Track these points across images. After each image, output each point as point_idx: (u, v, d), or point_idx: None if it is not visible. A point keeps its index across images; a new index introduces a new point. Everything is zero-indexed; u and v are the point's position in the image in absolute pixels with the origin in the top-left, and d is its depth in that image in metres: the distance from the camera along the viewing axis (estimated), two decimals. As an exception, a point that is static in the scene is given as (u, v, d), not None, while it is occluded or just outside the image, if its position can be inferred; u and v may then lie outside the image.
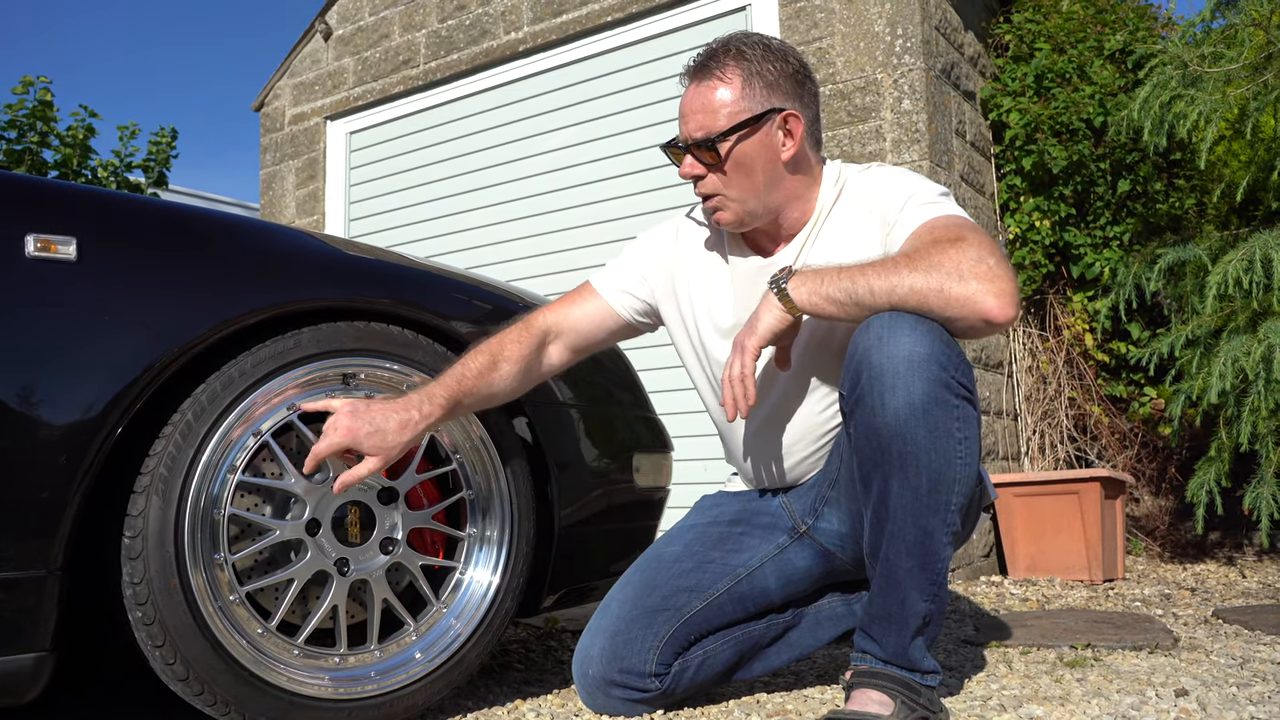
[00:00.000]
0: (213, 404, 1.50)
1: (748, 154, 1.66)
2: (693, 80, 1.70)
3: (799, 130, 1.68)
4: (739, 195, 1.68)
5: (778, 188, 1.69)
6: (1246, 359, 3.24)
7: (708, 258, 1.84)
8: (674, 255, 1.87)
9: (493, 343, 1.73)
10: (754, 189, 1.68)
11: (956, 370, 1.44)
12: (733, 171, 1.66)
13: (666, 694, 1.71)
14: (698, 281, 1.83)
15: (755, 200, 1.69)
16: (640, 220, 4.67)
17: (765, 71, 1.66)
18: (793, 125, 1.67)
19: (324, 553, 1.61)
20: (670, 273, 1.87)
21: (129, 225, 1.53)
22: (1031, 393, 4.51)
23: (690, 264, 1.85)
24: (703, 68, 1.68)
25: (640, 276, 1.88)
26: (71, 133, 8.37)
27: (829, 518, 1.76)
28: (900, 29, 3.98)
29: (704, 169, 1.68)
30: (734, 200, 1.68)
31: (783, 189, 1.70)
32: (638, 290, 1.88)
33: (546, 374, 1.83)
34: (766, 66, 1.66)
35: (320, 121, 6.09)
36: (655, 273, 1.88)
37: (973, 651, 2.28)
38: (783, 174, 1.69)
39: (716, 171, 1.67)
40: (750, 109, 1.65)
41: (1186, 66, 3.63)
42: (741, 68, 1.66)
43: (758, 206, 1.69)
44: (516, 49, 5.17)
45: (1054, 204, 4.36)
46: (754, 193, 1.68)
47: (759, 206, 1.70)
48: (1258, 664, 2.05)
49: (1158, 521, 4.49)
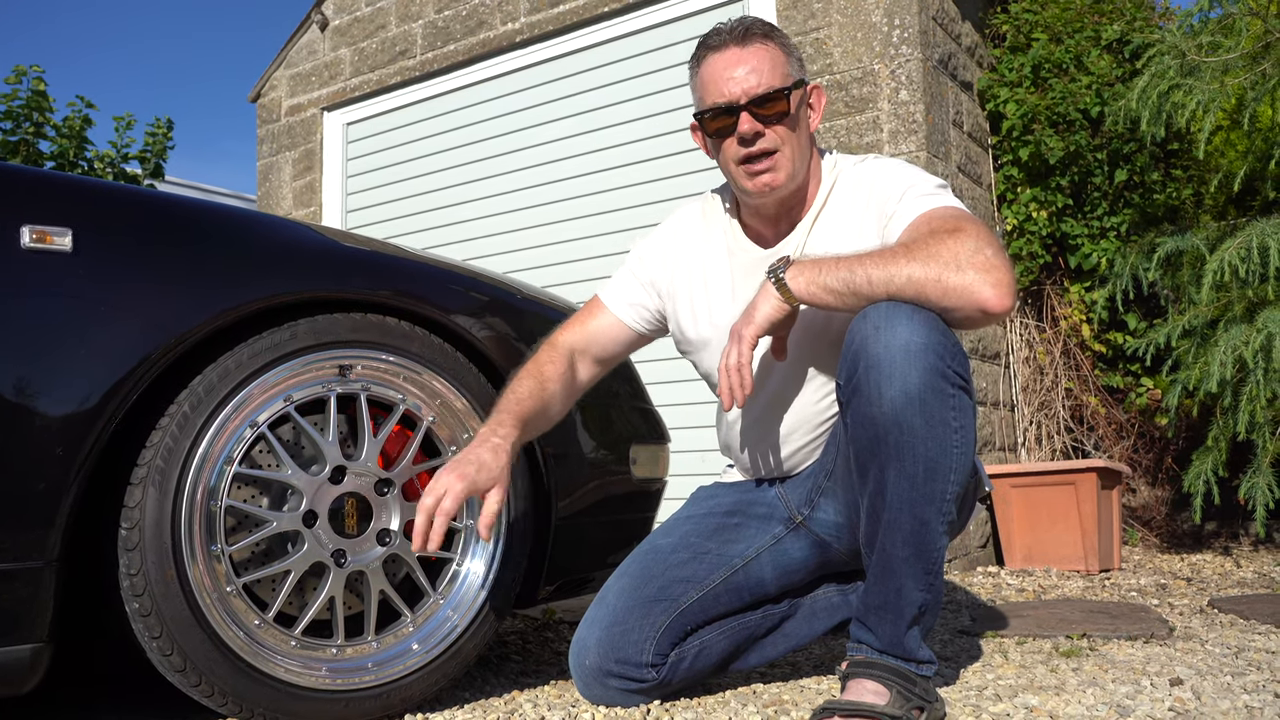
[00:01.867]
0: (209, 395, 1.50)
1: (797, 116, 1.70)
2: (737, 43, 1.69)
3: (820, 105, 1.76)
4: (792, 153, 1.69)
5: (809, 157, 1.74)
6: (1246, 348, 3.24)
7: (708, 252, 1.84)
8: (675, 253, 1.88)
9: (530, 368, 1.76)
10: (801, 150, 1.71)
11: (953, 360, 1.45)
12: (791, 127, 1.68)
13: (663, 684, 1.72)
14: (698, 276, 1.84)
15: (800, 162, 1.71)
16: (639, 211, 4.67)
17: (792, 48, 1.73)
18: (815, 99, 1.75)
19: (321, 544, 1.61)
20: (672, 273, 1.87)
21: (125, 216, 1.52)
22: (1028, 383, 4.52)
23: (692, 259, 1.86)
24: (747, 32, 1.70)
25: (644, 284, 1.89)
26: (68, 124, 8.33)
27: (825, 508, 1.76)
28: (897, 19, 3.97)
29: (763, 126, 1.67)
30: (787, 159, 1.69)
31: (810, 161, 1.75)
32: (644, 299, 1.89)
33: (580, 390, 1.87)
34: (790, 43, 1.74)
35: (317, 113, 6.08)
36: (659, 275, 1.88)
37: (969, 641, 2.29)
38: (810, 145, 1.75)
39: (776, 127, 1.67)
40: (795, 74, 1.70)
41: (1184, 56, 3.63)
42: (776, 40, 1.71)
43: (801, 169, 1.72)
44: (513, 39, 5.15)
45: (1051, 195, 4.35)
46: (801, 154, 1.71)
47: (802, 170, 1.72)
48: (1252, 653, 2.06)
49: (1154, 512, 4.50)
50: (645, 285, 1.89)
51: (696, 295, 1.83)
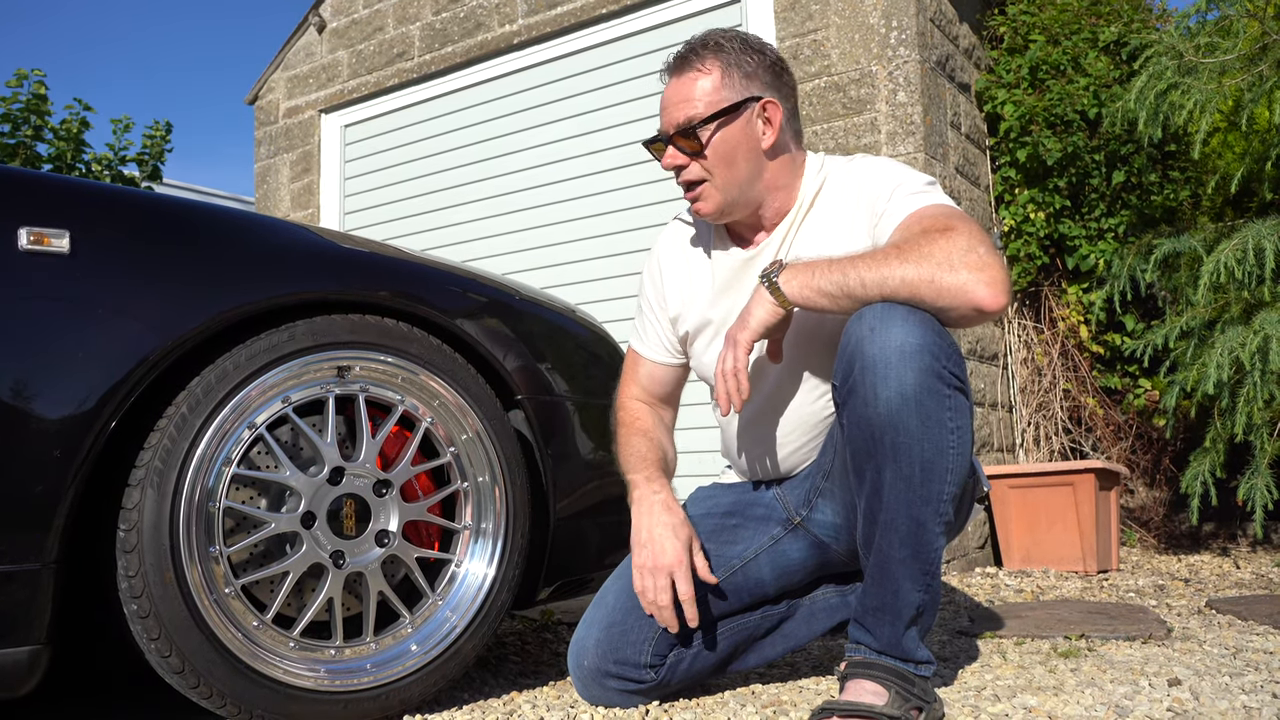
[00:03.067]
0: (207, 397, 1.50)
1: (728, 142, 1.68)
2: (673, 74, 1.73)
3: (778, 118, 1.70)
4: (721, 184, 1.69)
5: (759, 177, 1.71)
6: (1243, 350, 3.25)
7: (689, 255, 1.87)
8: (663, 268, 1.91)
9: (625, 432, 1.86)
10: (735, 178, 1.69)
11: (949, 360, 1.45)
12: (714, 159, 1.68)
13: (661, 685, 1.72)
14: (683, 279, 1.87)
15: (736, 189, 1.70)
16: (636, 212, 4.68)
17: (743, 63, 1.69)
18: (771, 113, 1.70)
19: (319, 545, 1.61)
20: (661, 288, 1.90)
21: (123, 218, 1.52)
22: (1026, 385, 4.52)
23: (674, 266, 1.89)
24: (683, 60, 1.71)
25: (656, 312, 1.91)
26: (66, 126, 8.33)
27: (823, 509, 1.77)
28: (895, 21, 3.98)
29: (686, 159, 1.70)
30: (716, 189, 1.70)
31: (763, 178, 1.72)
32: (661, 329, 1.91)
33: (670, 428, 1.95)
34: (744, 58, 1.70)
35: (315, 115, 6.08)
36: (657, 295, 1.91)
37: (967, 642, 2.29)
38: (763, 163, 1.71)
39: (698, 159, 1.69)
40: (729, 97, 1.67)
41: (1181, 57, 3.63)
42: (720, 59, 1.69)
43: (738, 196, 1.71)
44: (511, 41, 5.16)
45: (1049, 196, 4.36)
46: (735, 182, 1.70)
47: (740, 196, 1.71)
48: (1250, 654, 2.06)
49: (1152, 513, 4.51)
50: (656, 311, 1.91)
51: (685, 298, 1.85)
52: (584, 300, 4.54)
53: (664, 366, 1.91)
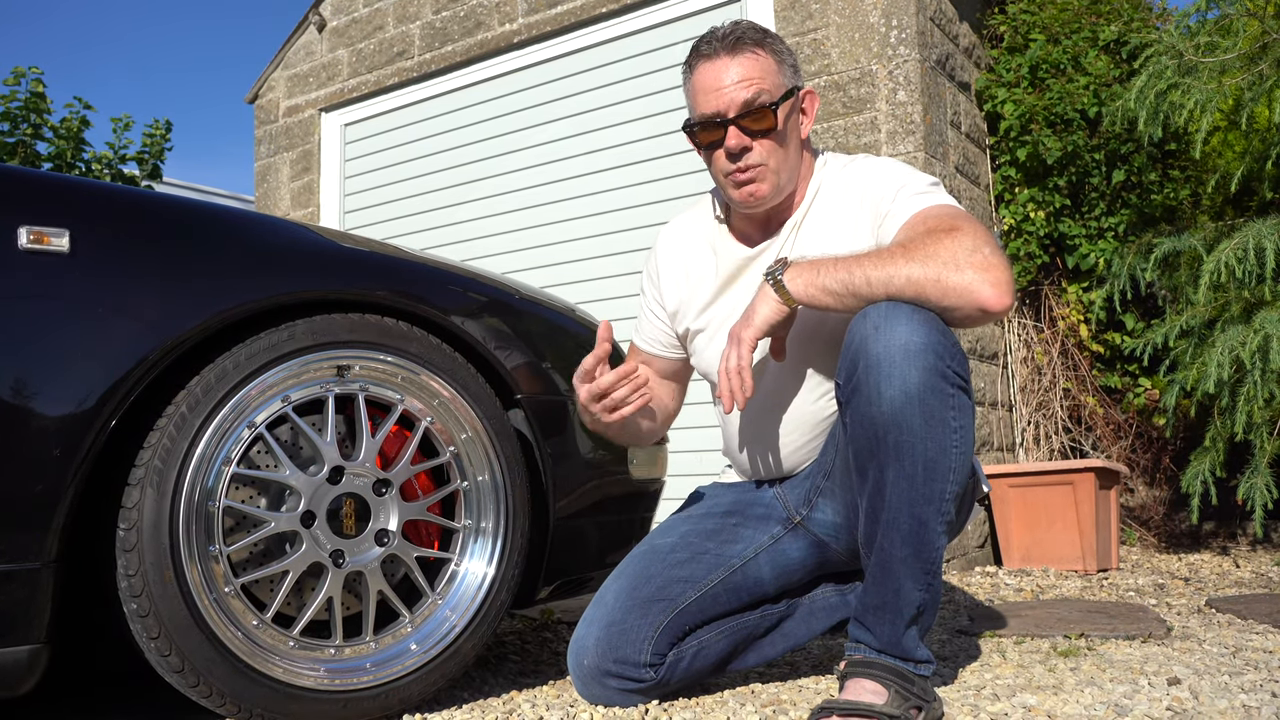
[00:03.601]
0: (207, 396, 1.50)
1: (788, 125, 1.70)
2: (726, 53, 1.68)
3: (813, 109, 1.76)
4: (777, 165, 1.70)
5: (799, 165, 1.75)
6: (1243, 349, 3.25)
7: (691, 254, 1.88)
8: (658, 267, 1.92)
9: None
10: (788, 161, 1.71)
11: (952, 360, 1.45)
12: (779, 140, 1.69)
13: (661, 684, 1.72)
14: (681, 278, 1.87)
15: (787, 173, 1.72)
16: (637, 211, 4.68)
17: (784, 53, 1.72)
18: (808, 104, 1.75)
19: (319, 545, 1.61)
20: (659, 286, 1.91)
21: (122, 217, 1.52)
22: (1026, 384, 4.52)
23: (673, 265, 1.90)
24: (738, 41, 1.69)
25: (655, 310, 1.94)
26: (65, 125, 8.33)
27: (823, 508, 1.76)
28: (895, 20, 3.98)
29: (750, 141, 1.68)
30: (773, 171, 1.70)
31: (800, 167, 1.75)
32: (658, 324, 1.93)
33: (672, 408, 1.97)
34: (784, 47, 1.73)
35: (315, 114, 6.08)
36: (656, 292, 1.93)
37: (967, 641, 2.29)
38: (801, 152, 1.75)
39: (764, 140, 1.68)
40: (785, 83, 1.70)
41: (1182, 56, 3.63)
42: (769, 45, 1.71)
43: (786, 182, 1.73)
44: (511, 40, 5.16)
45: (1049, 195, 4.36)
46: (788, 165, 1.71)
47: (787, 182, 1.73)
48: (1250, 653, 2.06)
49: (1152, 512, 4.51)
50: (655, 309, 1.94)
51: (683, 295, 1.86)
52: (584, 300, 4.54)
53: (659, 358, 1.95)
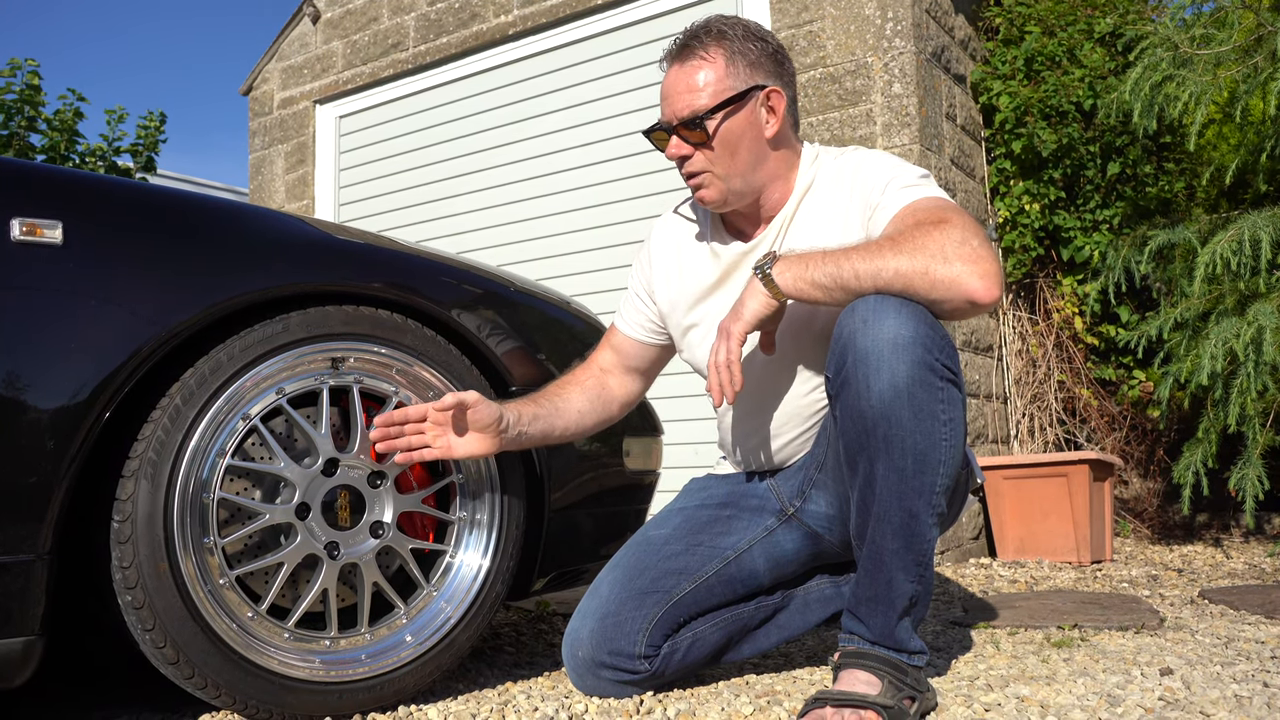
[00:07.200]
0: (201, 388, 1.50)
1: (733, 131, 1.67)
2: (675, 62, 1.71)
3: (781, 107, 1.70)
4: (724, 173, 1.69)
5: (761, 166, 1.71)
6: (1237, 341, 3.25)
7: (683, 247, 1.87)
8: (657, 255, 1.92)
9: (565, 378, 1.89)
10: (739, 167, 1.69)
11: (941, 353, 1.45)
12: (719, 149, 1.67)
13: (656, 676, 1.72)
14: (673, 271, 1.87)
15: (740, 179, 1.70)
16: (631, 203, 4.67)
17: (747, 50, 1.69)
18: (775, 102, 1.70)
19: (314, 536, 1.61)
20: (655, 275, 1.91)
21: (116, 209, 1.52)
22: (1021, 376, 4.53)
23: (665, 258, 1.89)
24: (685, 49, 1.70)
25: (641, 295, 1.94)
26: (59, 117, 8.30)
27: (816, 500, 1.77)
28: (891, 12, 3.97)
29: (690, 148, 1.69)
30: (719, 178, 1.70)
31: (766, 167, 1.72)
32: (644, 310, 1.93)
33: (623, 397, 1.94)
34: (748, 45, 1.69)
35: (309, 105, 6.06)
36: (645, 281, 1.93)
37: (961, 632, 2.30)
38: (766, 152, 1.71)
39: (703, 150, 1.68)
40: (734, 86, 1.67)
41: (1177, 49, 3.63)
42: (724, 47, 1.68)
43: (742, 185, 1.71)
44: (506, 32, 5.14)
45: (1044, 187, 4.36)
46: (739, 171, 1.69)
47: (743, 185, 1.71)
48: (1242, 643, 2.07)
49: (1146, 504, 4.52)
50: (642, 296, 1.94)
51: (675, 290, 1.86)
52: (579, 292, 4.54)
53: (634, 341, 1.94)
